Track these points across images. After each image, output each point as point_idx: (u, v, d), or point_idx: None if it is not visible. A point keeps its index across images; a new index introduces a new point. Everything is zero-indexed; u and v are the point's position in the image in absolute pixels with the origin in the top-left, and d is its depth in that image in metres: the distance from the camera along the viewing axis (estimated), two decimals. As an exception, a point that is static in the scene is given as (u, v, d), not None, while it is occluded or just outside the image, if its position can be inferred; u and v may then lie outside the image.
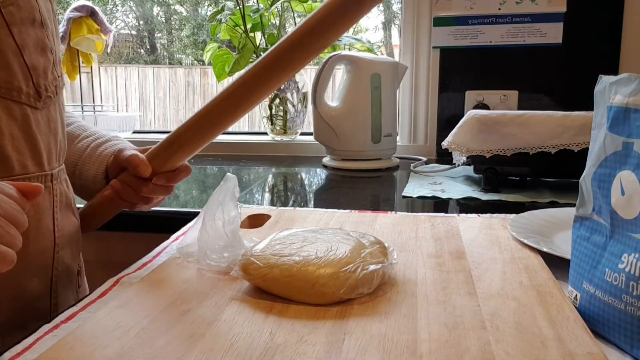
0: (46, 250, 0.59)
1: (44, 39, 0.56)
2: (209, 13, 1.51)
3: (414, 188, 1.05)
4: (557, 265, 0.59)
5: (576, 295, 0.50)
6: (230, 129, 0.80)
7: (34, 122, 0.55)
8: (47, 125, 0.57)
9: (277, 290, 0.52)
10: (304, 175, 1.31)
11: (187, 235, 0.64)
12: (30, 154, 0.55)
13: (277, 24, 1.48)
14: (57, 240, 0.60)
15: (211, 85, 5.68)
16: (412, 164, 1.28)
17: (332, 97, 1.33)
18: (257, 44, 1.45)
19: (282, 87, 1.47)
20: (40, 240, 0.57)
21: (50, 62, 0.58)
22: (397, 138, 1.42)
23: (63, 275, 0.62)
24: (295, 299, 0.51)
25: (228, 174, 0.61)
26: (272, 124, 1.51)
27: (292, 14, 1.48)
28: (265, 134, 1.55)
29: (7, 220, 0.43)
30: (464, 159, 1.03)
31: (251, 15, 1.41)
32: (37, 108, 0.55)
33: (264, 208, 0.87)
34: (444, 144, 1.06)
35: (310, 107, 1.35)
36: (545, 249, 0.62)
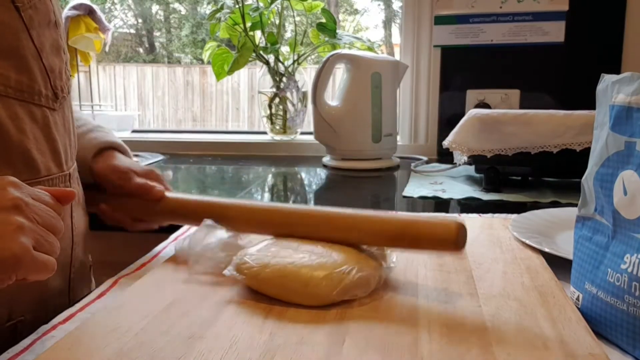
0: (66, 249, 0.59)
1: (58, 39, 0.56)
2: (208, 11, 1.50)
3: (415, 188, 1.04)
4: (559, 265, 0.58)
5: (578, 296, 0.50)
6: (229, 129, 0.79)
7: (53, 123, 0.55)
8: (63, 125, 0.58)
9: (270, 290, 0.51)
10: (303, 175, 1.30)
11: (185, 236, 0.64)
12: (52, 155, 0.55)
13: (277, 22, 1.47)
14: (74, 238, 0.61)
15: (210, 84, 5.68)
16: (412, 164, 1.28)
17: (332, 97, 1.32)
18: (257, 42, 1.44)
19: (281, 87, 1.46)
20: (62, 240, 0.58)
21: (63, 62, 0.58)
22: (398, 137, 1.42)
23: (79, 271, 0.63)
24: (288, 300, 0.50)
25: None
26: (271, 123, 1.51)
27: (292, 13, 1.48)
28: (265, 133, 1.55)
29: (45, 228, 0.44)
30: (465, 158, 1.02)
31: (250, 13, 1.40)
32: (54, 109, 0.56)
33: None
34: (445, 143, 1.06)
35: (310, 106, 1.35)
36: (547, 249, 0.62)
